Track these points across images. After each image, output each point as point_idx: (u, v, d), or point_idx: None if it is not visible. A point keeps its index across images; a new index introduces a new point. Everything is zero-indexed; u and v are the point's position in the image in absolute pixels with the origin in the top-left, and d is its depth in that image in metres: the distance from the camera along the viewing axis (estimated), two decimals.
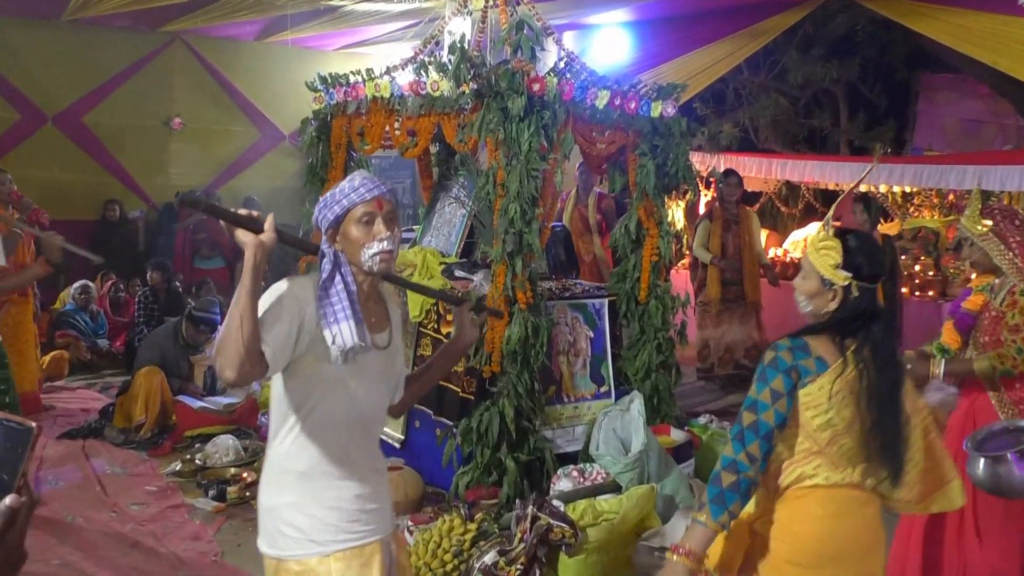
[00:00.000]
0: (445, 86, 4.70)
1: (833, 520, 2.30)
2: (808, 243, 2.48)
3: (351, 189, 2.30)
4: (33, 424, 1.06)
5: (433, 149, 6.14)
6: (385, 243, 2.30)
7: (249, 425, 6.03)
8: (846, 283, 2.30)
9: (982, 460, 2.94)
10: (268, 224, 2.10)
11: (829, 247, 2.33)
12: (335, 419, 2.29)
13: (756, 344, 7.54)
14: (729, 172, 7.85)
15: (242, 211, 2.11)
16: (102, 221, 9.58)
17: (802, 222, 11.06)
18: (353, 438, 2.34)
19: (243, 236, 2.07)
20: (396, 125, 5.18)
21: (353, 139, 5.61)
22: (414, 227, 6.43)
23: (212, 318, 6.28)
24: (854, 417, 2.25)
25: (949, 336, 3.52)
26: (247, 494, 4.92)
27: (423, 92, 4.85)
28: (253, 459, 5.42)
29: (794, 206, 11.36)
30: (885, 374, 2.28)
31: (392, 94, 5.11)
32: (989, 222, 3.34)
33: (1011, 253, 3.27)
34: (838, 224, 2.39)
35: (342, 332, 2.21)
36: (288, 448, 2.29)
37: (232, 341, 2.02)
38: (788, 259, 9.52)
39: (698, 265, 7.87)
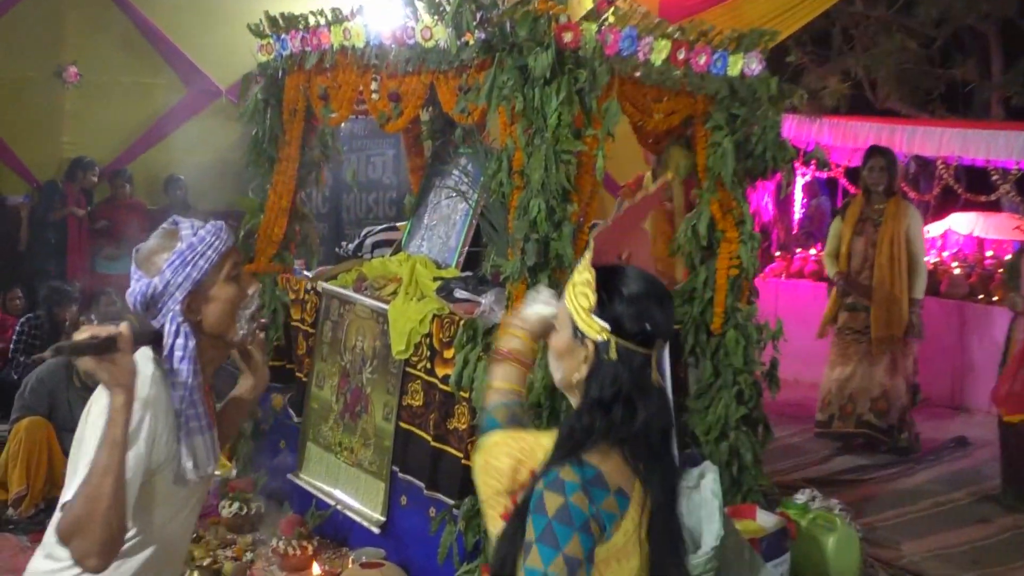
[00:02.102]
0: (441, 34, 4.67)
1: None
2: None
3: (212, 239, 2.42)
4: None
5: (425, 117, 6.11)
6: (257, 302, 2.54)
7: None
8: (600, 338, 2.13)
9: None
10: (125, 341, 2.17)
11: (585, 281, 2.17)
12: (145, 537, 2.38)
13: (887, 394, 7.48)
14: (873, 151, 7.74)
15: (88, 331, 2.16)
16: None
17: (938, 213, 10.99)
18: (156, 565, 2.44)
19: (106, 373, 2.14)
20: (373, 86, 5.16)
21: (313, 103, 5.61)
22: (398, 224, 6.41)
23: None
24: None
25: None
26: None
27: (411, 42, 4.83)
28: None
29: (927, 191, 11.27)
30: (660, 488, 2.15)
31: (368, 44, 5.10)
32: None
33: None
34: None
35: (199, 450, 2.40)
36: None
37: (98, 524, 2.08)
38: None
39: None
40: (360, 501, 5.31)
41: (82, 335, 2.13)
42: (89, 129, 10.43)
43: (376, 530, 5.15)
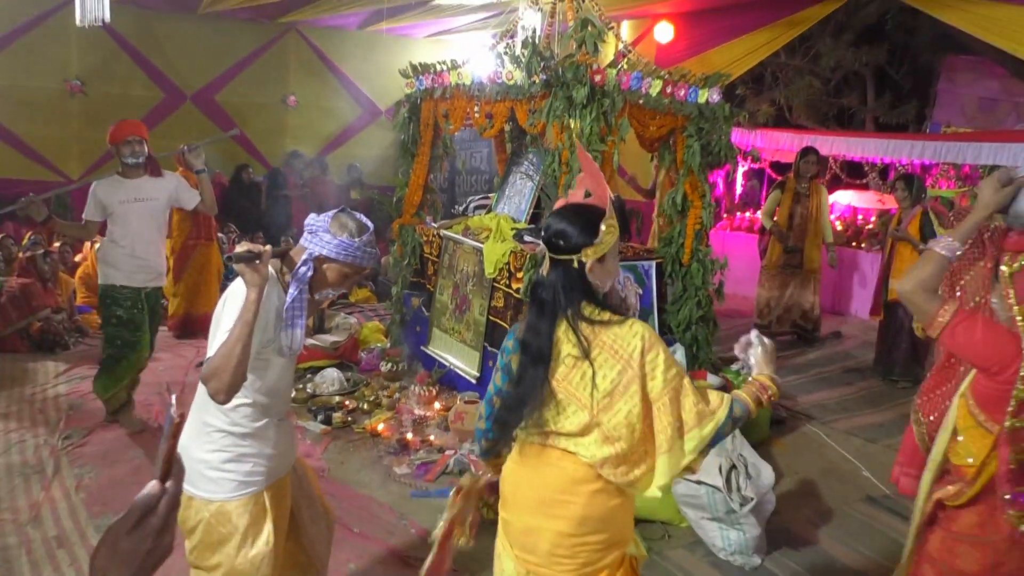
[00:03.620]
0: (518, 76, 4.60)
1: (513, 465, 2.18)
2: None
3: (355, 248, 2.31)
4: (175, 415, 0.93)
5: (507, 128, 6.04)
6: (337, 293, 2.43)
7: (351, 360, 6.08)
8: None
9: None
10: (266, 257, 2.09)
11: None
12: (267, 391, 2.34)
13: (812, 307, 7.36)
14: (808, 150, 7.42)
15: (245, 246, 2.07)
16: (235, 182, 9.66)
17: (830, 191, 10.67)
18: (275, 406, 2.40)
19: (249, 275, 2.06)
20: (476, 108, 5.11)
21: (439, 119, 5.57)
22: (490, 195, 6.38)
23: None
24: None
25: None
26: (349, 419, 5.02)
27: (499, 81, 4.76)
28: (354, 389, 5.52)
29: (823, 176, 10.96)
30: (529, 335, 2.07)
31: (472, 82, 5.04)
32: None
33: None
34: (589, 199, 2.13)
35: (296, 337, 2.28)
36: (222, 410, 2.29)
37: (229, 373, 2.03)
38: None
39: (765, 230, 7.61)
40: (464, 363, 5.36)
41: (241, 248, 2.06)
42: (302, 135, 10.52)
43: (473, 381, 5.19)
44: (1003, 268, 2.10)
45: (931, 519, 2.26)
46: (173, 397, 1.00)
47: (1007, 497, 2.01)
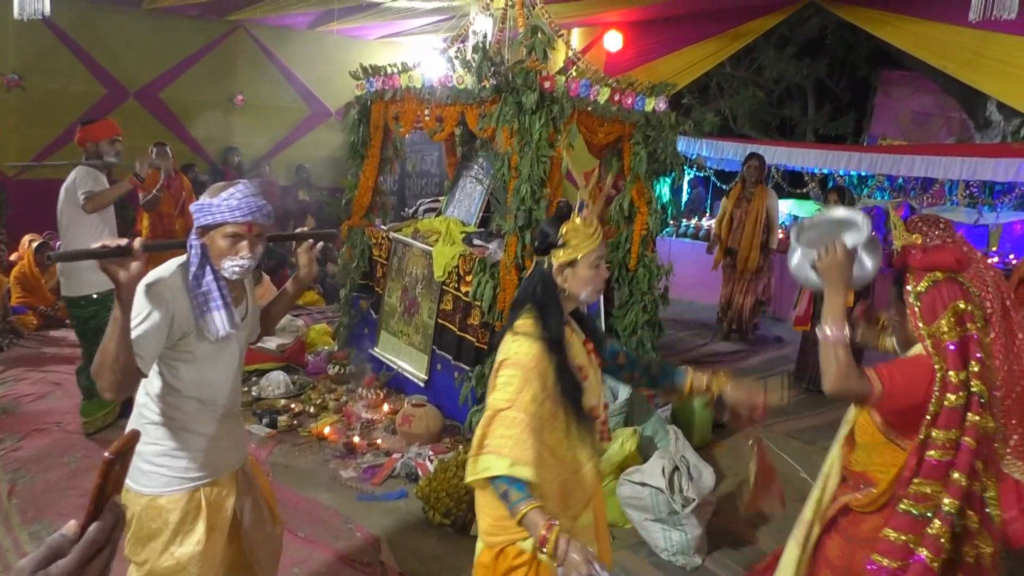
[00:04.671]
0: (469, 80, 4.61)
1: None
2: None
3: (228, 208, 2.17)
4: (107, 453, 0.82)
5: (457, 132, 6.05)
6: (244, 261, 2.23)
7: (297, 362, 6.04)
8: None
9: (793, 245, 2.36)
10: (137, 249, 1.92)
11: None
12: (197, 383, 2.27)
13: (744, 308, 7.56)
14: (752, 155, 7.56)
15: (105, 242, 1.91)
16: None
17: None
18: (209, 399, 2.32)
19: (115, 272, 1.90)
20: (426, 112, 5.11)
21: (389, 122, 5.55)
22: (440, 198, 6.38)
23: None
24: None
25: None
26: (295, 423, 4.97)
27: (450, 85, 4.77)
28: (300, 392, 5.46)
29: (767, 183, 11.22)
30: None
31: (423, 85, 5.03)
32: (917, 236, 3.17)
33: None
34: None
35: (215, 321, 2.20)
36: (155, 403, 2.25)
37: (110, 370, 1.95)
38: None
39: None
40: (412, 366, 5.35)
41: (95, 245, 1.90)
42: (249, 135, 10.32)
43: (422, 384, 5.20)
44: (908, 288, 2.13)
45: (828, 526, 2.28)
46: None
47: (903, 502, 2.05)
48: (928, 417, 2.01)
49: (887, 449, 2.13)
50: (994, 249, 8.42)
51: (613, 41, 9.14)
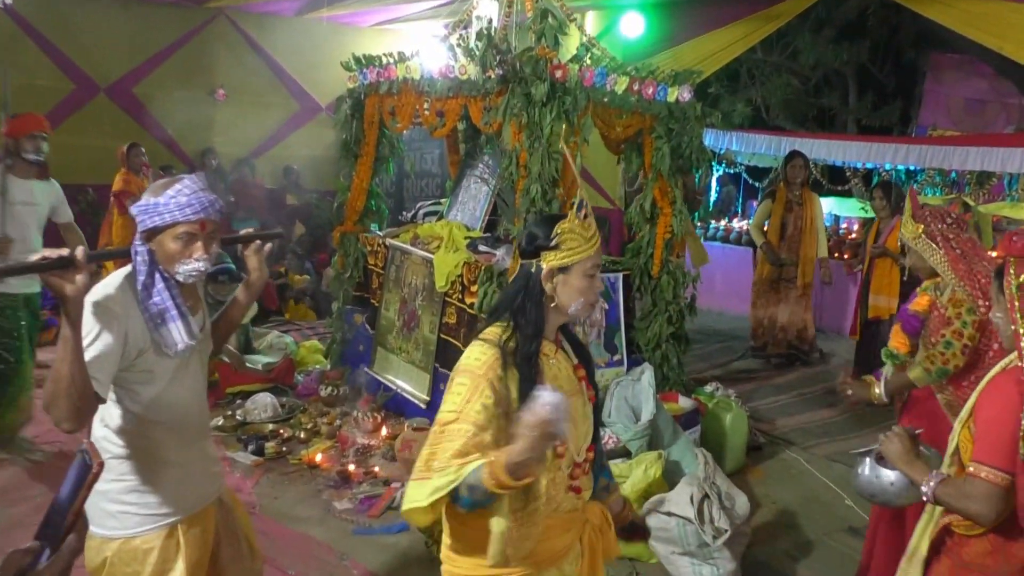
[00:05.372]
0: (472, 70, 4.65)
1: None
2: None
3: (177, 206, 2.15)
4: (94, 462, 0.91)
5: (460, 127, 6.08)
6: (200, 263, 2.22)
7: (286, 383, 6.05)
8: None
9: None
10: (81, 259, 1.87)
11: None
12: (160, 405, 2.26)
13: (807, 326, 7.46)
14: (794, 154, 7.51)
15: (45, 253, 1.86)
16: None
17: None
18: (176, 423, 2.30)
19: (59, 287, 1.85)
20: (425, 105, 5.14)
21: (385, 117, 5.59)
22: (441, 200, 6.40)
23: (226, 267, 5.99)
24: None
25: (897, 340, 3.33)
26: (284, 449, 4.98)
27: (451, 75, 4.80)
28: (290, 415, 5.48)
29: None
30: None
31: (422, 76, 5.07)
32: (921, 225, 3.19)
33: (941, 251, 3.09)
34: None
35: (172, 333, 2.19)
36: (116, 434, 2.24)
37: (66, 396, 1.91)
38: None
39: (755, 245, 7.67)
40: (413, 386, 5.36)
41: (34, 257, 1.85)
42: (232, 132, 10.37)
43: (423, 406, 5.19)
44: (1010, 279, 2.09)
45: (936, 547, 2.30)
46: (85, 441, 0.95)
47: None
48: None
49: None
50: None
51: (632, 25, 9.17)
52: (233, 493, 2.68)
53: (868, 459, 2.56)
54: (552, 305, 2.06)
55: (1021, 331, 2.05)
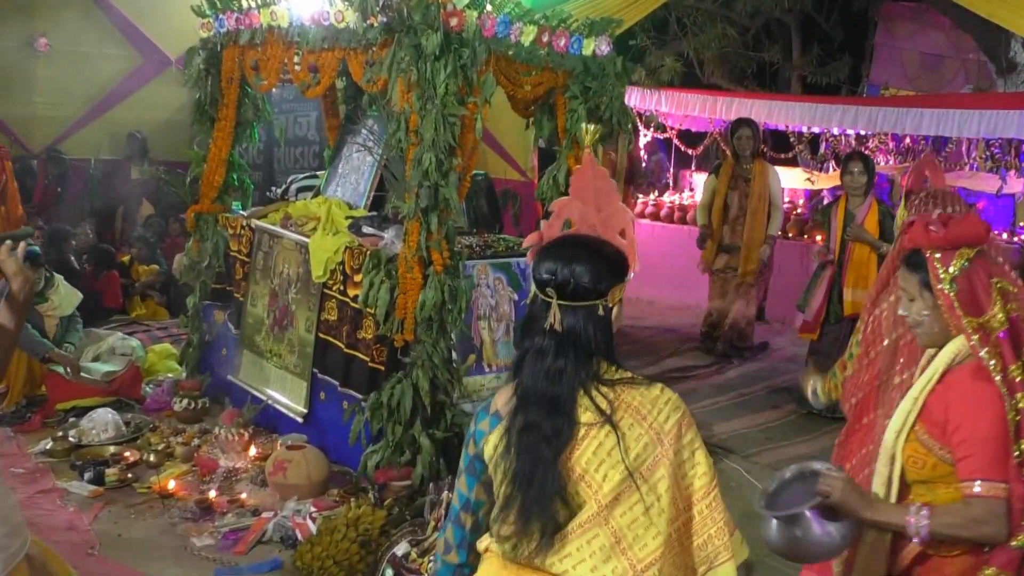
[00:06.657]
0: (351, 17, 4.61)
1: None
2: None
3: None
4: None
5: (339, 85, 6.05)
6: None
7: (132, 397, 5.94)
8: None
9: (774, 522, 2.49)
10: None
11: None
12: None
13: (748, 321, 7.64)
14: (740, 122, 7.63)
15: None
16: None
17: None
18: None
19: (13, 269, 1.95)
20: (296, 59, 5.11)
21: (247, 73, 5.53)
22: (318, 173, 6.36)
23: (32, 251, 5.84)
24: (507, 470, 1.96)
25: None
26: (129, 476, 4.89)
27: (326, 23, 4.76)
28: (136, 436, 5.39)
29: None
30: (532, 411, 1.95)
31: (291, 24, 5.02)
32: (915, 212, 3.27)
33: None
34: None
35: None
36: None
37: None
38: None
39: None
40: (287, 397, 5.33)
41: None
42: (59, 92, 10.04)
43: (300, 420, 5.18)
44: (939, 273, 2.23)
45: (907, 571, 2.40)
46: None
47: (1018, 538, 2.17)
48: (1011, 433, 2.15)
49: (955, 478, 2.24)
50: (1022, 224, 8.82)
51: None
52: (43, 544, 2.59)
53: (809, 513, 2.35)
54: None
55: (966, 324, 2.18)
